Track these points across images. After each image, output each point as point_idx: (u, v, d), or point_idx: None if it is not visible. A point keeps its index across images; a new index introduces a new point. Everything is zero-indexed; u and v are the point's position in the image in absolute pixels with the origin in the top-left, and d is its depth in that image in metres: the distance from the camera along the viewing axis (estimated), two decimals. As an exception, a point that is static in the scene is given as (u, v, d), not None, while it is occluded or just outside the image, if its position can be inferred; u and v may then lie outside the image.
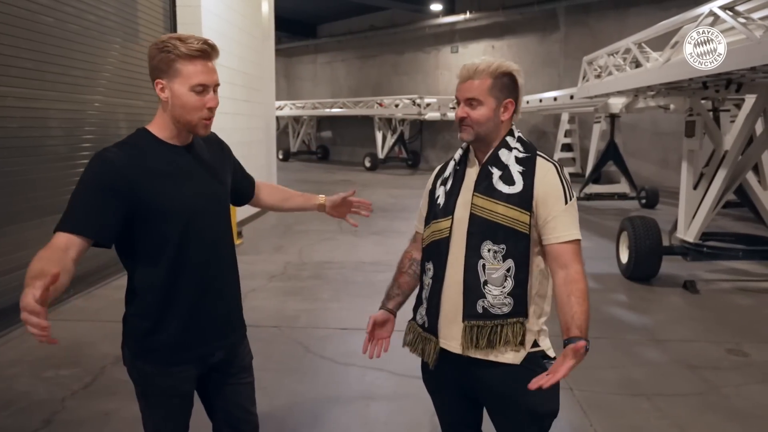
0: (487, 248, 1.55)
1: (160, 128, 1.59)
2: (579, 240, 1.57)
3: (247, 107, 8.64)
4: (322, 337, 4.07)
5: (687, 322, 4.54)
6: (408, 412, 3.03)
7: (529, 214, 1.55)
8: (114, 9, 5.53)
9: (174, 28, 6.76)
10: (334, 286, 5.39)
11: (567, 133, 13.76)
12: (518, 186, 1.56)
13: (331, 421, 2.95)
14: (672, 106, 7.83)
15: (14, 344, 3.92)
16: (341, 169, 18.80)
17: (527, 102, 12.75)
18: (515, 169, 1.58)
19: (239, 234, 7.36)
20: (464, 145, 1.72)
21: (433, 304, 1.65)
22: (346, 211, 2.05)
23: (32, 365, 3.57)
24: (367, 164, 18.52)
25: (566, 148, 13.95)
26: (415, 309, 1.76)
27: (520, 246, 1.55)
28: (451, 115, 17.03)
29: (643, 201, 10.33)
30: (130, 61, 5.75)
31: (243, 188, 1.92)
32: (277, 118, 21.37)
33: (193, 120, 1.54)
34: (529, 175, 1.57)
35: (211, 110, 1.56)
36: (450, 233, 1.61)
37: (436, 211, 1.68)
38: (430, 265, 1.67)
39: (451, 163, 1.72)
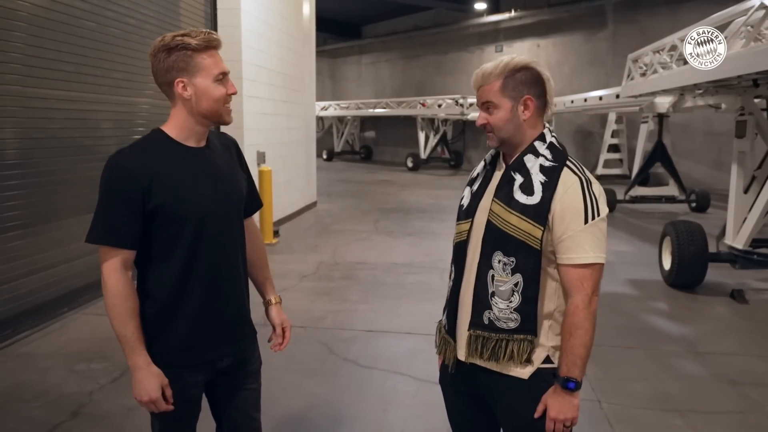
0: (498, 259, 1.50)
1: (176, 128, 1.58)
2: (597, 264, 1.45)
3: (286, 108, 8.75)
4: (346, 339, 4.05)
5: (732, 334, 4.27)
6: (425, 420, 2.96)
7: (542, 228, 1.45)
8: (154, 13, 5.69)
9: (215, 30, 6.90)
10: (364, 287, 5.37)
11: (614, 134, 13.31)
12: (536, 197, 1.46)
13: (345, 426, 2.92)
14: (723, 106, 7.41)
15: (52, 337, 4.08)
16: (383, 169, 18.81)
17: (572, 101, 12.40)
18: (537, 179, 1.48)
19: (275, 233, 7.46)
20: None
21: (452, 306, 1.62)
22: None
23: (66, 358, 3.71)
24: (410, 164, 18.48)
25: (613, 148, 13.49)
26: (444, 310, 1.73)
27: (531, 261, 1.47)
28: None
29: (693, 204, 9.85)
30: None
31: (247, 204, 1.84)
32: (322, 118, 21.68)
33: (219, 110, 1.57)
34: (549, 187, 1.46)
35: (231, 96, 1.59)
36: (468, 236, 1.58)
37: (459, 213, 1.65)
38: (452, 267, 1.65)
39: (481, 164, 1.68)
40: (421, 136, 18.63)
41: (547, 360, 1.52)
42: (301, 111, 9.70)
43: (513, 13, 17.36)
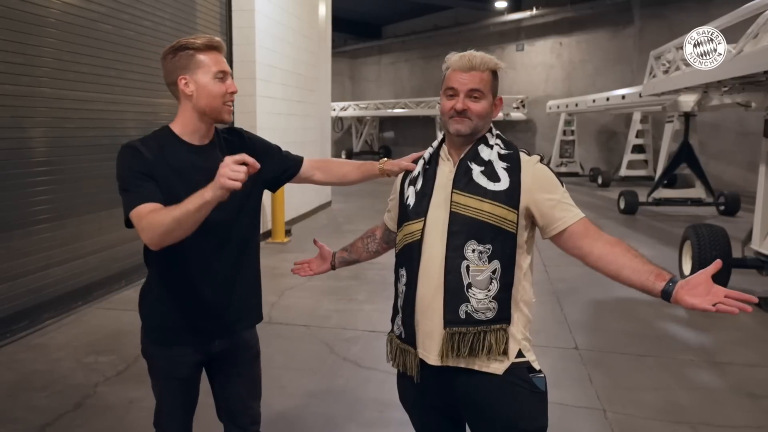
0: (472, 248, 1.46)
1: (182, 126, 1.67)
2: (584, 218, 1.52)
3: (300, 108, 8.76)
4: (349, 339, 4.01)
5: (755, 344, 4.07)
6: (423, 424, 2.90)
7: (516, 212, 1.47)
8: (170, 15, 5.73)
9: (230, 32, 6.96)
10: (371, 287, 5.32)
11: (639, 134, 13.02)
12: (504, 183, 1.48)
13: (339, 427, 2.88)
14: (753, 104, 7.14)
15: (66, 329, 4.16)
16: (403, 170, 18.74)
17: (594, 101, 12.16)
18: (499, 165, 1.51)
19: (287, 232, 7.47)
20: (435, 143, 1.66)
21: (408, 312, 1.55)
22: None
23: (77, 350, 3.78)
24: (429, 165, 18.40)
25: (638, 149, 13.19)
26: (392, 319, 1.66)
27: (507, 246, 1.47)
28: (514, 115, 16.59)
29: (722, 207, 9.52)
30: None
31: (276, 173, 1.86)
32: (341, 118, 21.71)
33: (218, 106, 1.64)
34: (514, 172, 1.49)
35: (232, 95, 1.66)
36: (422, 236, 1.52)
37: (407, 213, 1.59)
38: (403, 271, 1.57)
39: (420, 162, 1.65)
40: (440, 136, 18.46)
41: (520, 354, 1.50)
42: (316, 111, 9.70)
43: (534, 11, 17.15)
